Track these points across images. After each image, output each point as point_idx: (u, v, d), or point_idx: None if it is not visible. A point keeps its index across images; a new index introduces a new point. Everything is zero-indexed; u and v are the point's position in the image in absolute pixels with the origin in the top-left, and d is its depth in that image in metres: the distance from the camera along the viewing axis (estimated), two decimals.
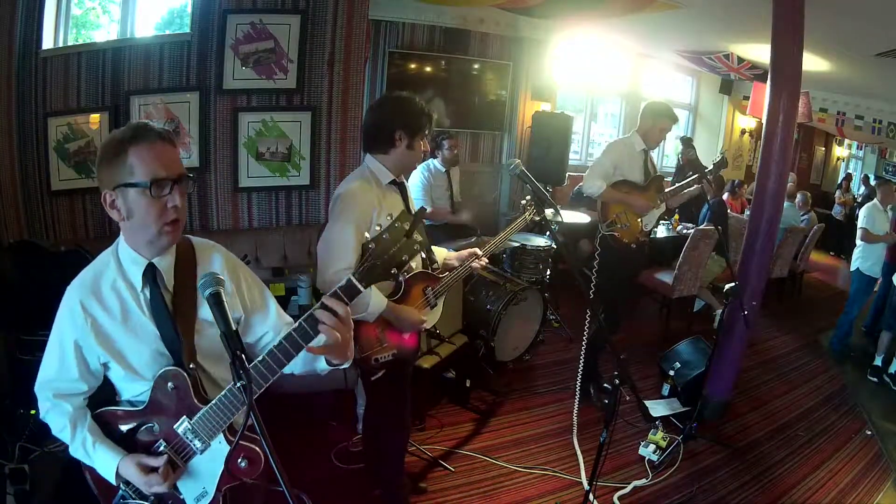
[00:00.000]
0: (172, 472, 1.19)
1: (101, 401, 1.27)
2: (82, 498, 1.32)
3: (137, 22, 3.26)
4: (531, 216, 2.16)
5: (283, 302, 2.99)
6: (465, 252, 2.17)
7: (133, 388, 1.23)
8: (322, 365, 1.25)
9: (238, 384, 1.02)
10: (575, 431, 3.01)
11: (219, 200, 3.41)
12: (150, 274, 1.20)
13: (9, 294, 2.20)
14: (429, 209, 4.01)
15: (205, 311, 1.22)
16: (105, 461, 1.20)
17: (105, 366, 1.22)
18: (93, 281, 1.19)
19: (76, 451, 1.22)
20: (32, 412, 2.10)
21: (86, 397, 1.25)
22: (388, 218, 1.08)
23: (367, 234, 1.13)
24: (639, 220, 3.14)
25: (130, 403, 1.24)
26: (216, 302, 1.07)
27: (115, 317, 1.19)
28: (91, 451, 1.20)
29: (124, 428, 1.23)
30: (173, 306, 1.21)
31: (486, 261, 2.18)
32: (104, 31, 3.31)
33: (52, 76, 2.90)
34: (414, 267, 1.98)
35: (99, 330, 1.18)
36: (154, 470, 1.18)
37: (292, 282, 3.05)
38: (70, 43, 3.06)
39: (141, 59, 3.09)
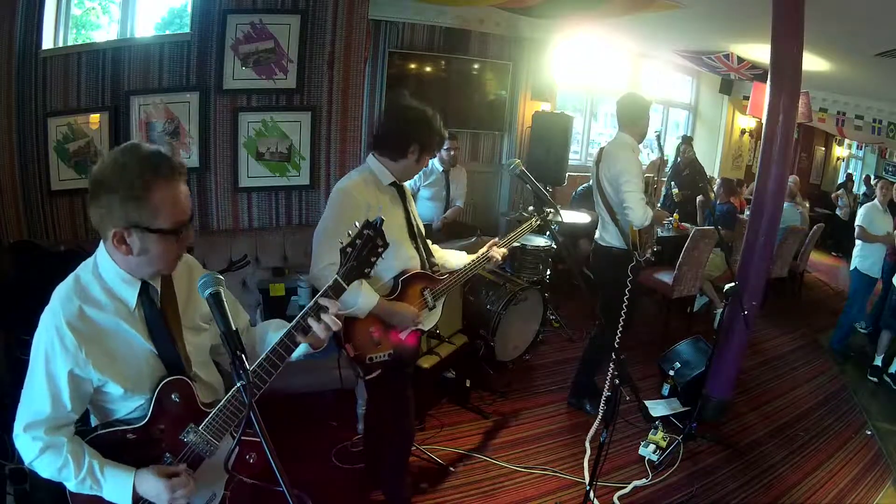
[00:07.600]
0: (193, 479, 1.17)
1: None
2: None
3: (137, 22, 3.25)
4: (539, 221, 2.16)
5: (283, 302, 2.99)
6: (483, 248, 2.16)
7: (128, 406, 1.20)
8: (298, 353, 1.25)
9: (238, 384, 1.03)
10: (592, 430, 3.00)
11: (219, 200, 3.40)
12: (146, 292, 1.19)
13: (9, 294, 2.20)
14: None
15: (187, 318, 1.26)
16: (118, 483, 1.14)
17: (98, 389, 1.17)
18: (78, 304, 1.14)
19: (81, 486, 1.13)
20: None
21: (74, 424, 1.18)
22: (356, 225, 1.24)
23: (350, 232, 1.24)
24: (655, 229, 3.01)
25: (125, 422, 1.20)
26: (216, 302, 1.08)
27: (109, 336, 1.15)
28: (100, 477, 1.13)
29: (128, 447, 1.18)
30: (164, 318, 1.21)
31: (506, 251, 2.17)
32: (104, 32, 3.30)
33: (52, 76, 2.89)
34: (405, 266, 1.98)
35: (94, 353, 1.13)
36: (176, 474, 1.14)
37: (292, 282, 3.05)
38: (70, 43, 3.05)
39: (141, 59, 3.08)
